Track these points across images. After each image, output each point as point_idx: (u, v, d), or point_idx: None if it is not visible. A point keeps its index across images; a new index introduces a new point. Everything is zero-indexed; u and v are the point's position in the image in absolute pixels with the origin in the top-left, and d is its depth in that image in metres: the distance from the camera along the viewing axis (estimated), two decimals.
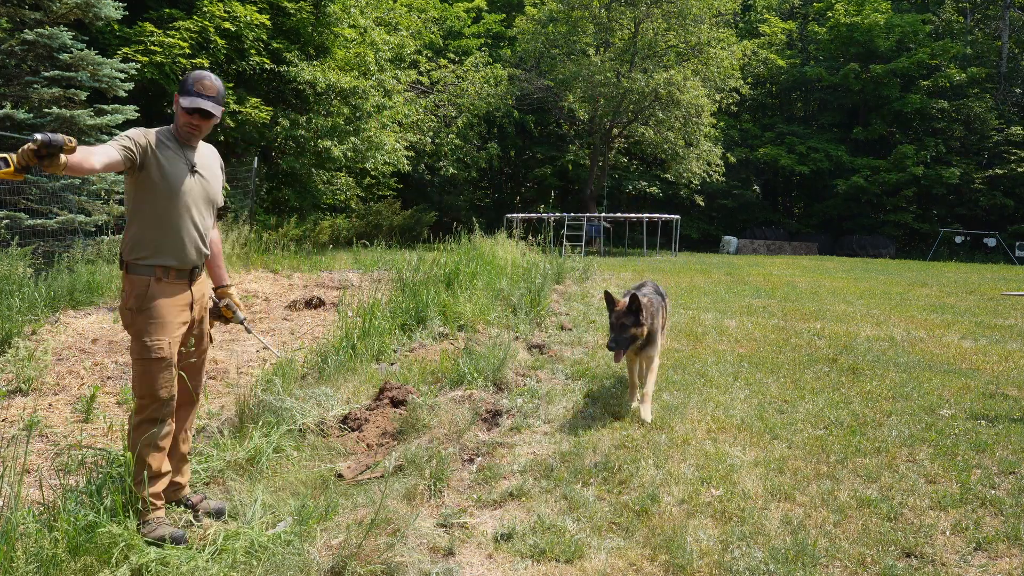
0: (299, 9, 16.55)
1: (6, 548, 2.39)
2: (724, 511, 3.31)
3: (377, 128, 19.48)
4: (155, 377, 2.92)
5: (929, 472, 3.84)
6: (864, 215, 33.86)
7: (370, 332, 5.99)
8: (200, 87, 2.94)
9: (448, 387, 5.21)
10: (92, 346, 6.12)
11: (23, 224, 9.18)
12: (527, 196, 35.65)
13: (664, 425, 4.53)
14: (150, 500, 2.92)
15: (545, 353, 6.60)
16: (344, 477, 3.63)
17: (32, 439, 3.97)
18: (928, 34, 33.69)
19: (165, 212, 2.95)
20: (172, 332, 2.96)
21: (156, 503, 2.96)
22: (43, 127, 9.71)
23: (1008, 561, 2.94)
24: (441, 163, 27.52)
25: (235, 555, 2.67)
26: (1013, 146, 31.57)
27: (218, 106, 2.99)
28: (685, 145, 27.75)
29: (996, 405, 5.20)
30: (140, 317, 2.92)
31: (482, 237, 12.37)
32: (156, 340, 2.91)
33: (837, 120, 36.01)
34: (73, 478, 3.35)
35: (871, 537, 3.08)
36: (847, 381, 5.86)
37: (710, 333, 7.96)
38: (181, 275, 3.01)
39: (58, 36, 9.73)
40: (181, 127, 3.00)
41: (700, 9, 26.76)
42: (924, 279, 16.54)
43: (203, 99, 2.94)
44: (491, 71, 28.34)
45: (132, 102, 11.36)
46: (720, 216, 35.34)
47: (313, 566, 2.70)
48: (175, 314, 2.98)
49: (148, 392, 2.93)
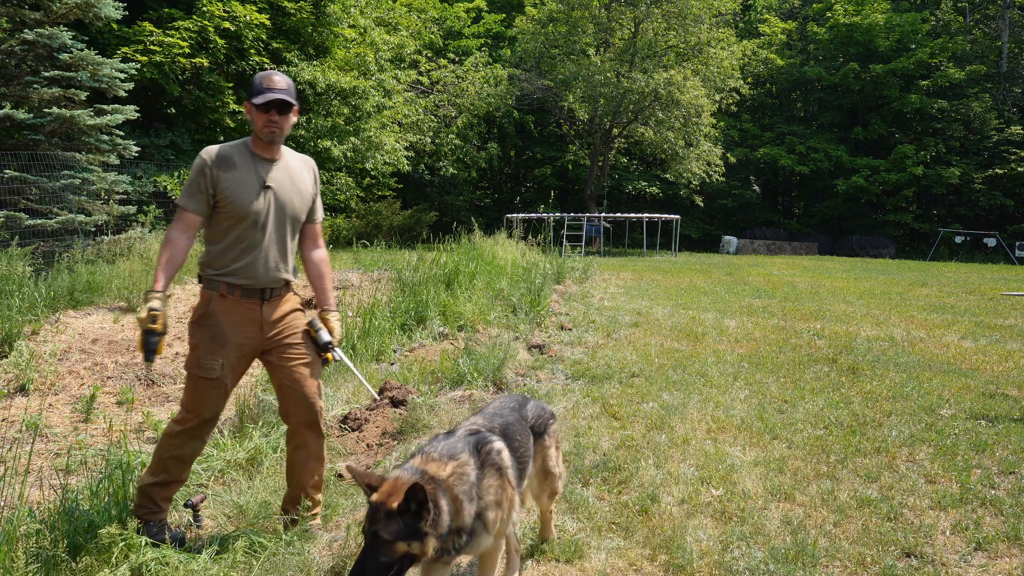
0: (299, 9, 16.56)
1: (7, 548, 2.39)
2: (724, 511, 3.31)
3: (377, 128, 19.49)
4: (202, 395, 2.84)
5: (929, 472, 3.84)
6: (864, 215, 33.85)
7: (370, 332, 6.00)
8: (269, 83, 2.83)
9: (448, 387, 5.21)
10: (92, 346, 6.12)
11: (23, 224, 9.19)
12: (527, 196, 35.63)
13: (664, 425, 4.53)
14: (158, 501, 2.88)
15: (545, 353, 6.60)
16: (344, 477, 3.63)
17: (31, 439, 3.96)
18: (927, 33, 33.67)
19: (231, 230, 2.83)
20: (228, 353, 2.84)
21: (163, 505, 2.91)
22: (43, 127, 9.71)
23: (1008, 561, 2.94)
24: (441, 163, 27.52)
25: (235, 555, 2.67)
26: (1013, 146, 31.56)
27: (291, 97, 2.84)
28: (685, 145, 27.75)
29: (996, 405, 5.20)
30: (199, 331, 2.84)
31: (482, 237, 12.37)
32: (209, 359, 2.81)
33: (837, 120, 36.00)
34: (73, 478, 3.35)
35: (871, 537, 3.08)
36: (847, 381, 5.86)
37: (710, 333, 7.96)
38: (250, 294, 2.87)
39: (58, 36, 9.73)
40: (261, 130, 2.84)
41: (700, 9, 26.75)
42: (924, 279, 16.54)
43: (276, 92, 2.81)
44: (491, 71, 28.34)
45: (132, 102, 11.37)
46: (720, 216, 35.33)
47: (313, 566, 2.70)
48: (236, 335, 2.85)
49: (193, 408, 2.85)
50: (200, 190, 2.80)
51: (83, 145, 10.27)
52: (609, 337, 7.57)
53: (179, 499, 3.15)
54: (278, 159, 2.94)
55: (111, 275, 8.45)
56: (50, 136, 9.97)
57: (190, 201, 2.81)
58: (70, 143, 10.21)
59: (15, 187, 9.49)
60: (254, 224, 2.84)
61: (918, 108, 32.63)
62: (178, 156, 14.18)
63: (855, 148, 34.22)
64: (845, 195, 32.94)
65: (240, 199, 2.81)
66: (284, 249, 2.94)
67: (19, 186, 9.51)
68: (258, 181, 2.86)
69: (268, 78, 2.84)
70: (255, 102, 2.81)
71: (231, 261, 2.84)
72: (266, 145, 2.89)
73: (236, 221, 2.83)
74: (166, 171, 13.46)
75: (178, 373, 5.54)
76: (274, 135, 2.85)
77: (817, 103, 37.49)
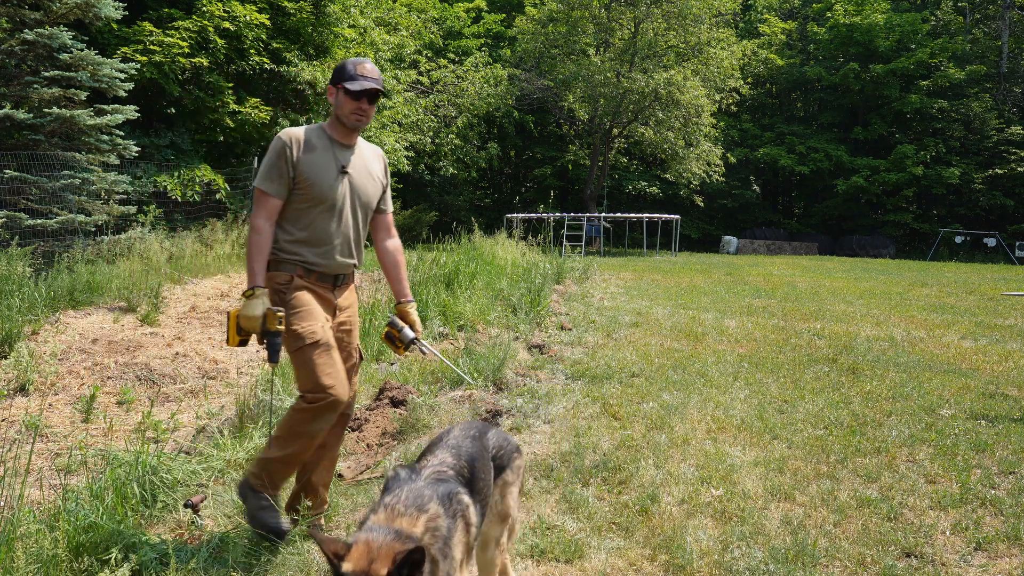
0: (299, 9, 16.54)
1: (7, 548, 2.39)
2: (724, 511, 3.31)
3: (377, 128, 19.48)
4: (315, 364, 2.70)
5: (929, 472, 3.84)
6: (864, 215, 33.85)
7: (370, 332, 6.00)
8: (362, 70, 2.80)
9: (448, 387, 5.22)
10: (92, 346, 6.12)
11: (23, 224, 9.18)
12: (527, 196, 35.63)
13: (664, 425, 4.53)
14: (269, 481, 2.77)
15: (545, 353, 6.60)
16: (344, 477, 3.63)
17: (32, 439, 3.96)
18: (927, 33, 33.68)
19: (308, 214, 2.82)
20: (321, 319, 2.78)
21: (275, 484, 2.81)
22: (43, 127, 9.71)
23: (1008, 561, 2.94)
24: (441, 163, 27.51)
25: (235, 555, 2.67)
26: (1013, 146, 31.56)
27: (383, 88, 2.84)
28: (685, 145, 27.75)
29: (996, 405, 5.20)
30: (286, 308, 2.77)
31: (482, 237, 12.38)
32: (305, 325, 2.73)
33: (837, 120, 36.00)
34: (74, 478, 3.36)
35: (871, 537, 3.08)
36: (847, 381, 5.86)
37: (710, 333, 7.96)
38: (324, 279, 2.86)
39: (58, 36, 9.73)
40: (348, 116, 2.83)
41: (700, 9, 26.76)
42: (924, 279, 16.53)
43: (371, 81, 2.79)
44: (491, 71, 28.34)
45: (132, 102, 11.36)
46: (720, 216, 35.33)
47: (313, 566, 2.70)
48: (320, 307, 2.81)
49: (313, 383, 2.71)
50: (281, 173, 2.77)
51: (83, 145, 10.27)
52: (609, 337, 7.57)
53: (178, 500, 3.14)
54: (354, 146, 2.95)
55: (111, 275, 8.45)
56: (50, 136, 9.97)
57: (271, 184, 2.78)
58: (70, 143, 10.21)
59: (15, 187, 9.48)
60: (331, 208, 2.84)
61: (918, 108, 32.63)
62: (178, 156, 14.17)
63: (855, 148, 34.22)
64: (845, 195, 32.95)
65: (320, 182, 2.80)
66: (358, 236, 2.94)
67: (19, 186, 9.50)
68: (336, 165, 2.85)
69: (361, 65, 2.83)
70: (349, 88, 2.77)
71: (308, 245, 2.82)
72: (347, 131, 2.90)
73: (313, 204, 2.81)
74: (166, 171, 13.46)
75: (178, 373, 5.54)
76: (360, 123, 2.86)
77: (817, 103, 37.50)
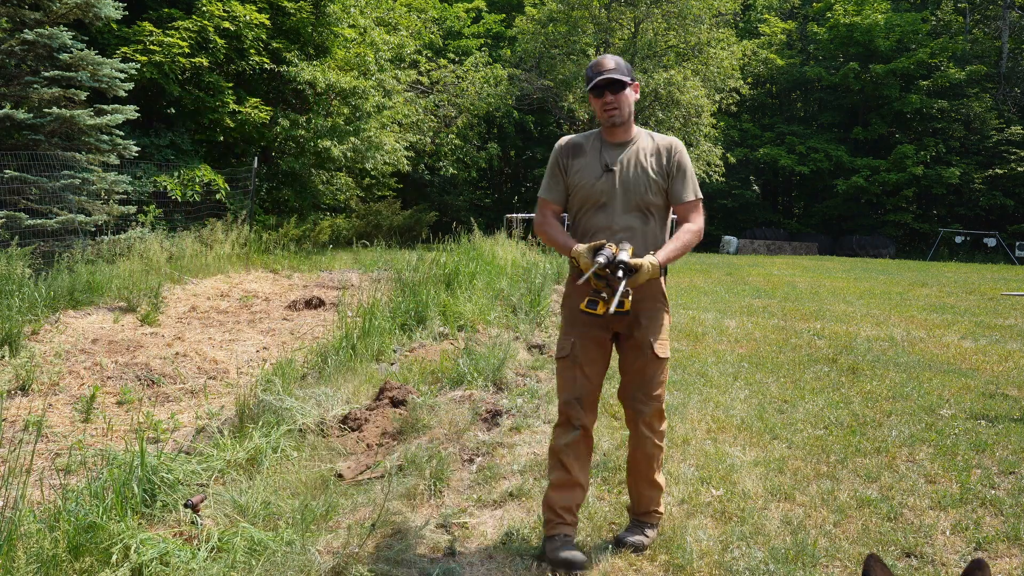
0: (299, 9, 16.55)
1: (7, 548, 2.39)
2: (724, 511, 3.31)
3: (377, 128, 19.47)
4: (560, 377, 2.94)
5: (929, 472, 3.84)
6: (864, 215, 33.82)
7: (370, 332, 5.99)
8: (598, 67, 2.81)
9: (448, 387, 5.21)
10: (92, 346, 6.12)
11: (23, 224, 9.19)
12: (527, 196, 35.62)
13: None
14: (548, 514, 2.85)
15: (545, 353, 6.60)
16: (344, 477, 3.63)
17: (33, 439, 3.97)
18: (927, 33, 33.68)
19: (580, 214, 2.94)
20: (579, 331, 2.90)
21: (555, 517, 2.84)
22: (43, 127, 9.71)
23: (1008, 561, 2.94)
24: (441, 163, 27.50)
25: (235, 555, 2.67)
26: (1013, 146, 31.53)
27: (623, 75, 2.79)
28: (685, 145, 27.73)
29: (996, 405, 5.20)
30: (562, 312, 3.02)
31: (482, 237, 12.37)
32: (563, 337, 2.94)
33: (837, 120, 35.99)
34: (74, 478, 3.36)
35: (871, 537, 3.08)
36: (847, 381, 5.86)
37: (710, 333, 7.96)
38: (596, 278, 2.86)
39: (58, 36, 9.73)
40: (601, 115, 2.86)
41: (700, 9, 26.75)
42: (924, 279, 16.53)
43: (603, 73, 2.78)
44: (491, 71, 28.31)
45: (132, 102, 11.36)
46: (720, 216, 35.30)
47: (314, 566, 2.70)
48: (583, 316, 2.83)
49: (559, 393, 2.95)
50: (556, 180, 2.96)
51: (83, 145, 10.27)
52: None
53: (178, 501, 3.14)
54: (629, 142, 2.91)
55: (111, 275, 8.45)
56: (50, 136, 9.97)
57: (548, 192, 2.99)
58: (70, 143, 10.21)
59: (15, 187, 9.49)
60: (595, 206, 2.87)
61: (918, 108, 32.61)
62: (178, 156, 14.17)
63: (855, 148, 34.20)
64: (845, 195, 32.92)
65: (582, 184, 2.88)
66: (627, 233, 2.82)
67: (19, 186, 9.51)
68: (600, 165, 2.87)
69: (597, 63, 2.84)
70: (588, 89, 2.84)
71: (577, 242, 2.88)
72: (612, 129, 2.89)
73: (580, 205, 2.93)
74: (166, 171, 13.46)
75: (178, 373, 5.54)
76: (613, 117, 2.83)
77: (817, 103, 37.48)
